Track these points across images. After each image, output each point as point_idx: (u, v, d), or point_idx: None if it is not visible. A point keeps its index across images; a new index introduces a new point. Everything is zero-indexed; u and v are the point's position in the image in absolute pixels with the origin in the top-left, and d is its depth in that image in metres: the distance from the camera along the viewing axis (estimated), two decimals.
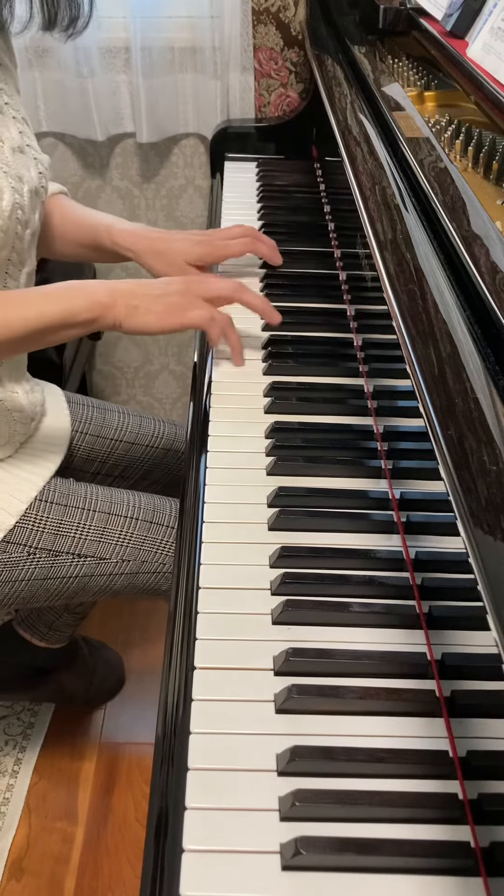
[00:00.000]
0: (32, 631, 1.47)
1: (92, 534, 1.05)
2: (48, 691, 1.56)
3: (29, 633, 1.47)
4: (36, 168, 1.00)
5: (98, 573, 1.06)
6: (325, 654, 0.67)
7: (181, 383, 2.20)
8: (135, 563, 1.06)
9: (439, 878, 0.54)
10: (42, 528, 1.04)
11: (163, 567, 1.07)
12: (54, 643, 1.49)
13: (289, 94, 1.82)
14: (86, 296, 0.93)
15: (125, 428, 1.29)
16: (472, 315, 0.64)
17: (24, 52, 1.74)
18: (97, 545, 1.05)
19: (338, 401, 0.98)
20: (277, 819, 0.57)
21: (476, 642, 0.66)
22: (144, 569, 1.07)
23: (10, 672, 1.53)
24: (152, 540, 1.07)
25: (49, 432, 1.16)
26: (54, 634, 1.47)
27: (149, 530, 1.08)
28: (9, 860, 1.38)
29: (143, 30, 1.69)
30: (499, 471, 0.49)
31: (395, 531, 0.80)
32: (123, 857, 1.39)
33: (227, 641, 0.69)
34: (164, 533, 1.08)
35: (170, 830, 0.56)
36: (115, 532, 1.06)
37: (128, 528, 1.07)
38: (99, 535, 1.06)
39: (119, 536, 1.06)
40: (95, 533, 1.05)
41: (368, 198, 0.87)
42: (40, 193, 1.01)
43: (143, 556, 1.07)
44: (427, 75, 1.14)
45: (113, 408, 1.31)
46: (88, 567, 1.05)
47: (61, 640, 1.50)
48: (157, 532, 1.08)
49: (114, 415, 1.30)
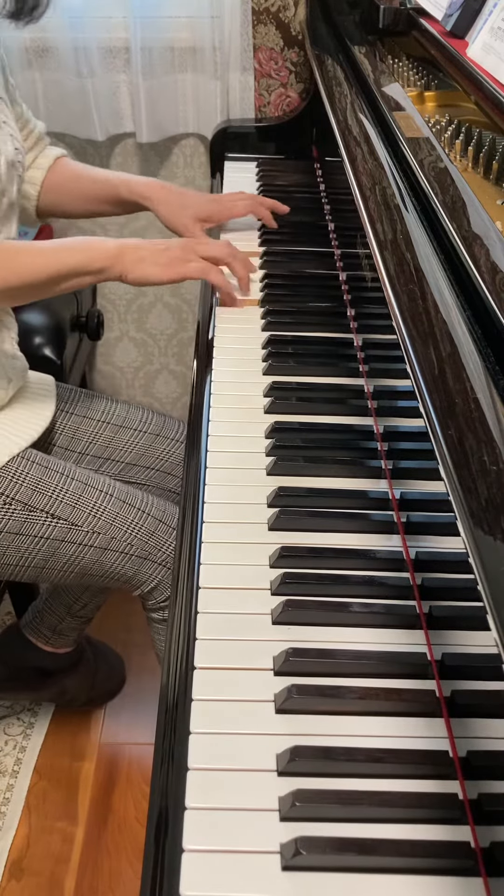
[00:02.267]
0: (37, 635, 1.47)
1: (68, 498, 1.09)
2: (51, 692, 1.56)
3: (34, 637, 1.47)
4: (12, 143, 1.07)
5: (69, 539, 1.08)
6: (326, 654, 0.67)
7: (181, 383, 2.20)
8: (104, 537, 1.09)
9: (439, 879, 0.54)
10: (21, 481, 1.08)
11: (130, 548, 1.10)
12: (60, 647, 1.49)
13: (289, 94, 1.82)
14: (98, 247, 1.06)
15: (112, 412, 1.30)
16: (472, 315, 0.64)
17: (24, 52, 1.74)
18: (72, 510, 1.08)
19: (338, 401, 0.98)
20: (277, 819, 0.57)
21: (476, 642, 0.66)
22: (113, 546, 1.09)
23: (14, 673, 1.53)
24: (123, 518, 1.10)
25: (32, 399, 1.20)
26: (59, 639, 1.47)
27: (121, 508, 1.10)
28: (9, 860, 1.38)
29: (143, 30, 1.69)
30: (499, 471, 0.49)
31: (395, 531, 0.80)
32: (123, 857, 1.39)
33: (227, 641, 0.69)
34: (134, 514, 1.10)
35: (170, 830, 0.56)
36: (90, 502, 1.09)
37: (102, 501, 1.10)
38: (74, 500, 1.09)
39: (93, 507, 1.09)
40: (71, 498, 1.09)
41: (368, 198, 0.87)
42: (17, 167, 1.09)
43: (113, 533, 1.09)
44: (427, 75, 1.14)
45: (101, 395, 1.33)
46: (60, 531, 1.08)
47: (67, 645, 1.50)
48: (129, 512, 1.10)
49: (101, 400, 1.32)
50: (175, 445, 1.30)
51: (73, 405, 1.29)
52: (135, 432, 1.29)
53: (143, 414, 1.31)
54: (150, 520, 1.10)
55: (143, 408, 1.33)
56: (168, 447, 1.30)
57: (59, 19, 1.69)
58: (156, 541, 1.10)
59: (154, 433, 1.30)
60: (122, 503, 1.11)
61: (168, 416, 1.33)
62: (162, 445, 1.30)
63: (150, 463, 1.30)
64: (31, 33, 1.73)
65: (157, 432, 1.30)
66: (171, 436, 1.30)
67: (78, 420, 1.28)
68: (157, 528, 1.10)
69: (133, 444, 1.29)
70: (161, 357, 2.17)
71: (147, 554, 1.10)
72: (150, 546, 1.10)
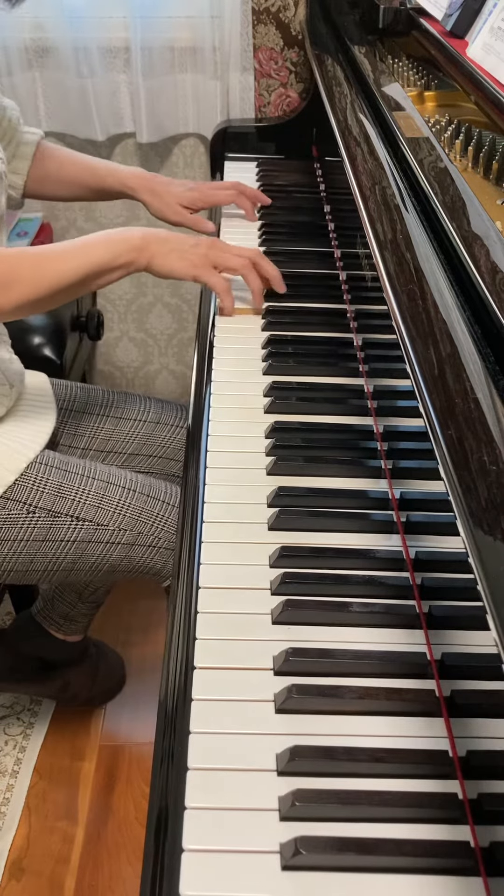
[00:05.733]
0: (50, 622, 1.48)
1: (91, 499, 1.08)
2: (54, 687, 1.56)
3: (47, 624, 1.48)
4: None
5: (95, 539, 1.07)
6: (325, 653, 0.67)
7: (181, 383, 2.20)
8: (131, 533, 1.08)
9: (439, 878, 0.54)
10: (42, 488, 1.07)
11: (158, 541, 1.09)
12: (71, 635, 1.50)
13: (289, 94, 1.82)
14: (123, 239, 1.03)
15: (110, 404, 1.30)
16: (472, 315, 0.64)
17: (24, 52, 1.75)
18: (96, 510, 1.07)
19: (338, 401, 0.98)
20: (277, 819, 0.57)
21: (476, 642, 0.66)
22: (140, 541, 1.09)
23: (22, 663, 1.53)
24: (149, 512, 1.09)
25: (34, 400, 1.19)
26: (71, 625, 1.48)
27: (145, 503, 1.10)
28: (9, 860, 1.38)
29: (143, 30, 1.69)
30: (499, 471, 0.49)
31: (395, 531, 0.80)
32: (123, 857, 1.39)
33: (227, 641, 0.69)
34: (160, 507, 1.10)
35: (170, 830, 0.56)
36: (114, 500, 1.08)
37: (125, 497, 1.09)
38: (98, 500, 1.08)
39: (117, 505, 1.08)
40: (94, 498, 1.08)
41: (368, 198, 0.87)
42: (3, 178, 1.09)
43: (140, 528, 1.08)
44: (427, 75, 1.14)
45: (97, 388, 1.33)
46: (86, 532, 1.07)
47: (78, 632, 1.50)
48: (154, 506, 1.10)
49: (98, 393, 1.32)
50: (176, 431, 1.30)
51: (71, 402, 1.29)
52: (134, 422, 1.29)
53: (141, 403, 1.31)
54: (175, 511, 1.10)
55: (141, 396, 1.33)
56: (169, 433, 1.30)
57: (59, 19, 1.70)
58: None
59: (154, 421, 1.30)
60: (146, 497, 1.10)
61: (166, 402, 1.33)
62: (163, 432, 1.30)
63: (152, 451, 1.30)
64: (31, 33, 1.73)
65: (157, 420, 1.30)
66: (171, 422, 1.30)
67: (78, 416, 1.28)
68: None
69: (134, 435, 1.29)
70: (161, 357, 2.17)
71: (175, 545, 1.09)
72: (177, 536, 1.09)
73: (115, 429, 1.29)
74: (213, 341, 1.09)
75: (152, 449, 1.30)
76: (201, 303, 1.24)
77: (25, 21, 1.72)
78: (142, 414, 1.30)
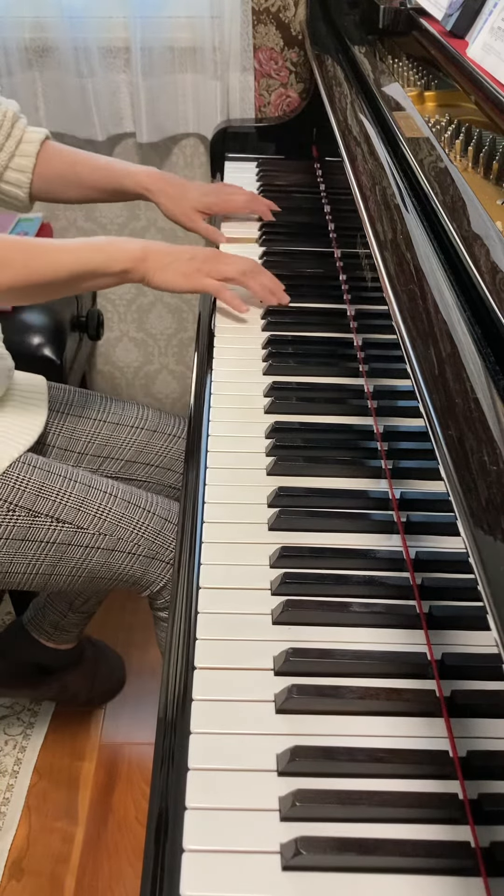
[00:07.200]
0: (39, 631, 1.47)
1: (72, 501, 1.08)
2: (52, 690, 1.56)
3: (36, 633, 1.47)
4: None
5: (75, 542, 1.07)
6: (326, 654, 0.67)
7: (181, 383, 2.20)
8: (111, 538, 1.08)
9: (439, 878, 0.54)
10: (24, 487, 1.06)
11: (137, 548, 1.09)
12: (62, 644, 1.49)
13: (289, 94, 1.82)
14: (123, 248, 1.04)
15: (108, 410, 1.29)
16: (472, 315, 0.64)
17: (24, 52, 1.74)
18: (76, 513, 1.07)
19: (338, 401, 0.98)
20: (277, 819, 0.57)
21: (476, 642, 0.66)
22: (120, 547, 1.08)
23: (16, 669, 1.53)
24: (129, 519, 1.09)
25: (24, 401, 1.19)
26: (61, 635, 1.47)
27: (126, 509, 1.09)
28: (9, 860, 1.38)
29: (143, 30, 1.69)
30: (499, 471, 0.49)
31: (395, 531, 0.80)
32: (123, 857, 1.39)
33: (227, 641, 0.69)
34: (140, 514, 1.10)
35: (170, 830, 0.56)
36: (94, 504, 1.08)
37: (106, 502, 1.09)
38: (79, 503, 1.08)
39: (98, 509, 1.08)
40: (75, 501, 1.08)
41: (368, 198, 0.87)
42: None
43: (119, 534, 1.08)
44: (427, 75, 1.14)
45: (96, 394, 1.33)
46: (66, 534, 1.07)
47: (69, 641, 1.50)
48: (134, 513, 1.10)
49: (96, 398, 1.31)
50: (173, 441, 1.29)
51: (68, 405, 1.28)
52: (132, 429, 1.29)
53: (139, 411, 1.30)
54: (155, 519, 1.10)
55: (139, 404, 1.32)
56: (166, 443, 1.30)
57: (58, 19, 1.70)
58: (162, 540, 1.10)
59: (151, 429, 1.30)
60: (127, 503, 1.10)
61: (164, 412, 1.33)
62: (160, 441, 1.30)
63: (149, 459, 1.30)
64: (31, 33, 1.73)
65: (154, 428, 1.30)
66: (168, 431, 1.30)
67: (74, 420, 1.27)
68: (163, 527, 1.10)
69: (131, 442, 1.29)
70: (161, 357, 2.17)
71: (154, 553, 1.09)
72: (157, 545, 1.09)
73: (112, 434, 1.28)
74: (213, 341, 1.09)
75: (149, 457, 1.30)
76: (201, 303, 1.24)
77: (25, 21, 1.72)
78: (139, 421, 1.29)
